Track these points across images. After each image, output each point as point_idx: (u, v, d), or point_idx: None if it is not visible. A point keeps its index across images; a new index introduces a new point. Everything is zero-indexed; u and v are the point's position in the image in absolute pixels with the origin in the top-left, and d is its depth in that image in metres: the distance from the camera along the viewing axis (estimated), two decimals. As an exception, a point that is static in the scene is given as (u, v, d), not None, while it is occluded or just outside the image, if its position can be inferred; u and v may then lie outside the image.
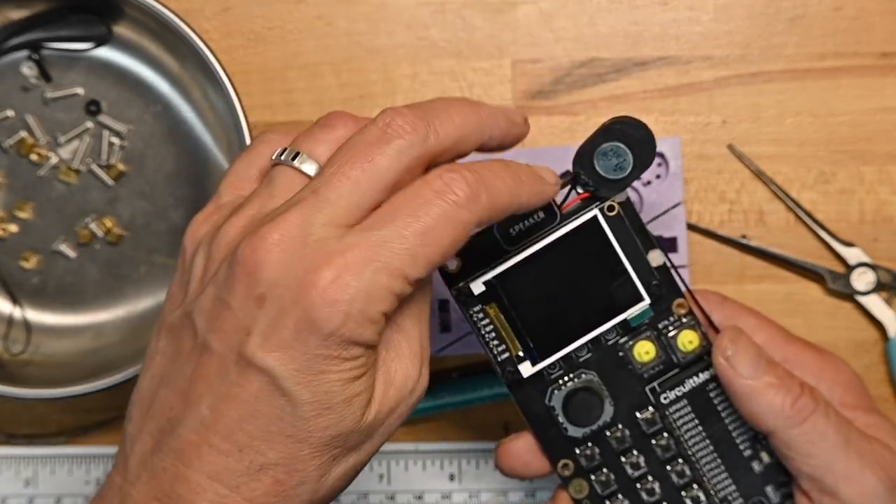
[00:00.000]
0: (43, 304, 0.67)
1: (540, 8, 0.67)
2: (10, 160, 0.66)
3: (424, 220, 0.42)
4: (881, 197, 0.67)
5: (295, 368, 0.42)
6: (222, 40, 0.67)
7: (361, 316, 0.42)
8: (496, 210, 0.44)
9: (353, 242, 0.42)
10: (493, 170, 0.44)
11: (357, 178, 0.43)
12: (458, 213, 0.43)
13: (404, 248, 0.42)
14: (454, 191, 0.43)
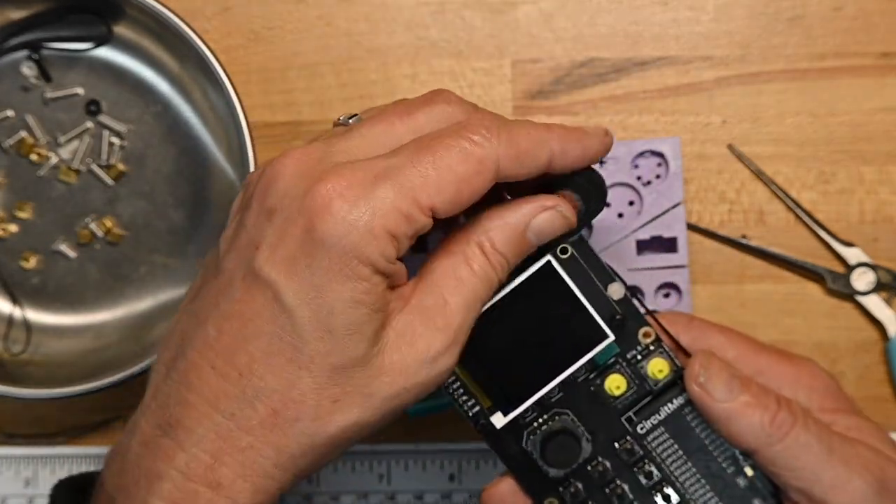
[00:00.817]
0: (43, 304, 0.67)
1: (540, 8, 0.67)
2: (10, 160, 0.66)
3: (439, 151, 0.43)
4: (881, 197, 0.67)
5: (297, 282, 0.42)
6: (222, 40, 0.67)
7: (366, 230, 0.41)
8: (521, 156, 0.44)
9: (367, 163, 0.42)
10: (525, 125, 0.45)
11: (392, 122, 0.44)
12: (474, 149, 0.43)
13: (416, 170, 0.42)
14: (473, 128, 0.43)
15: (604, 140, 0.47)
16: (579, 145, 0.46)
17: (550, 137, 0.45)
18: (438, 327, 0.44)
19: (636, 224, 0.64)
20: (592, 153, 0.47)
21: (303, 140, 0.67)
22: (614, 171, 0.64)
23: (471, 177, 0.43)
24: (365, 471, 0.66)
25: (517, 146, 0.44)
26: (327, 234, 0.41)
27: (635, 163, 0.64)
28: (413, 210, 0.42)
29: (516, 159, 0.44)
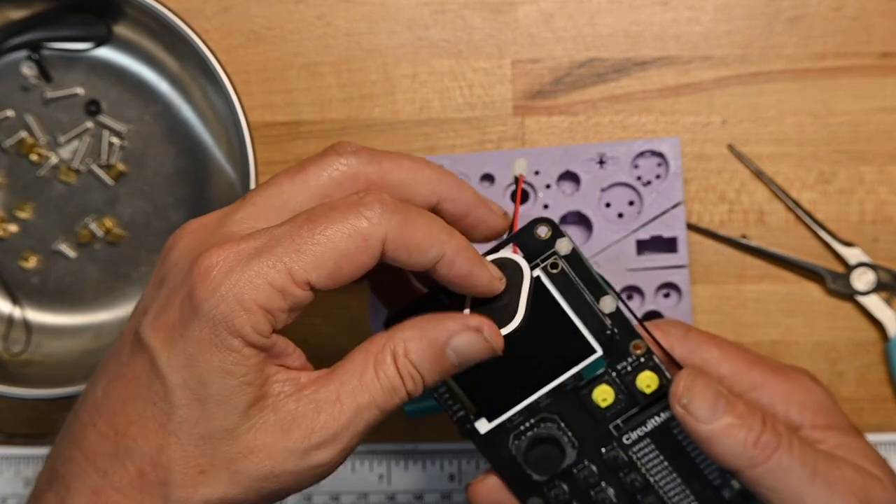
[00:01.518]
0: (43, 304, 0.67)
1: (540, 8, 0.67)
2: (10, 160, 0.66)
3: (323, 224, 0.42)
4: (881, 197, 0.67)
5: (172, 349, 0.42)
6: (222, 40, 0.67)
7: (236, 302, 0.41)
8: (411, 247, 0.43)
9: (254, 235, 0.43)
10: (427, 219, 0.44)
11: (281, 182, 0.44)
12: (361, 224, 0.42)
13: (295, 244, 0.42)
14: (364, 203, 0.43)
15: (493, 284, 0.46)
16: (467, 267, 0.44)
17: (448, 242, 0.44)
18: (321, 423, 0.43)
19: (636, 224, 0.64)
20: (478, 283, 0.45)
21: (303, 140, 0.67)
22: (614, 171, 0.64)
23: (352, 253, 0.42)
24: (365, 471, 0.66)
25: (410, 236, 0.43)
26: (201, 303, 0.42)
27: (635, 163, 0.64)
28: (287, 285, 0.42)
29: (405, 248, 0.43)
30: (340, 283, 0.43)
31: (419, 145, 0.67)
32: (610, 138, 0.67)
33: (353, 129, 0.67)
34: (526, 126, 0.67)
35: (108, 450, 0.43)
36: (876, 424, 0.67)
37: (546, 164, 0.64)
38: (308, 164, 0.45)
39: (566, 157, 0.64)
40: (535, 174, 0.64)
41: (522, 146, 0.67)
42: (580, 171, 0.64)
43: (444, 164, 0.64)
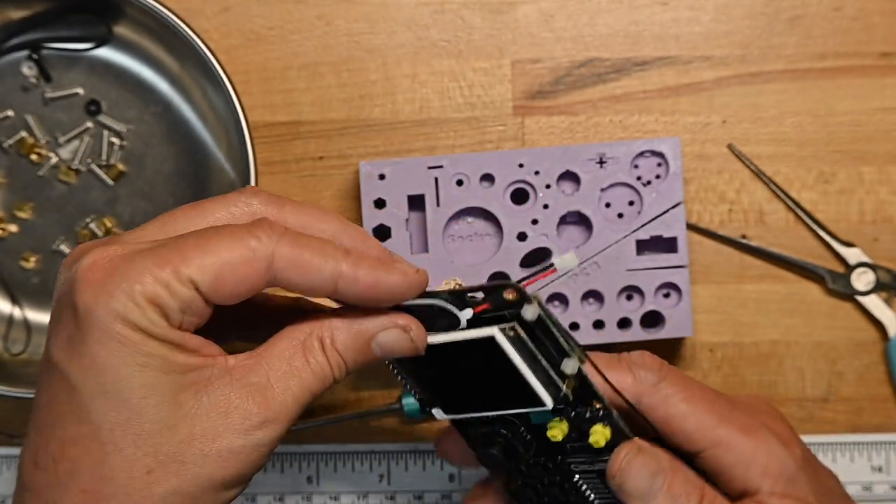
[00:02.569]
0: (43, 304, 0.67)
1: (540, 8, 0.67)
2: (10, 160, 0.66)
3: (208, 235, 0.42)
4: (881, 197, 0.67)
5: (77, 358, 0.42)
6: (222, 40, 0.67)
7: (124, 295, 0.41)
8: (302, 265, 0.43)
9: (133, 243, 0.43)
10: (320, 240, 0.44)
11: (177, 214, 0.45)
12: (248, 238, 0.42)
13: (179, 249, 0.42)
14: (253, 224, 0.43)
15: (409, 279, 0.44)
16: (373, 275, 0.43)
17: (343, 258, 0.43)
18: (257, 405, 0.43)
19: (636, 224, 0.64)
20: (390, 289, 0.44)
21: (303, 140, 0.67)
22: (614, 171, 0.64)
23: (237, 264, 0.42)
24: (365, 471, 0.66)
25: (299, 254, 0.43)
26: (88, 305, 0.41)
27: (635, 163, 0.64)
28: (172, 280, 0.41)
29: (296, 266, 0.43)
30: (225, 292, 0.42)
31: (419, 145, 0.67)
32: (610, 138, 0.67)
33: (353, 129, 0.67)
34: (526, 126, 0.67)
35: (51, 480, 0.42)
36: (876, 424, 0.67)
37: (546, 164, 0.64)
38: (208, 201, 0.45)
39: (566, 157, 0.64)
40: (535, 174, 0.64)
41: (522, 146, 0.67)
42: (580, 171, 0.64)
43: (444, 164, 0.64)
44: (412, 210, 0.65)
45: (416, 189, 0.64)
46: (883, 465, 0.66)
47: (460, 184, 0.64)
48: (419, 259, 0.64)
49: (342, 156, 0.67)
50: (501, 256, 0.64)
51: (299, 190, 0.67)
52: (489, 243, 0.65)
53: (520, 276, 0.64)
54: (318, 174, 0.67)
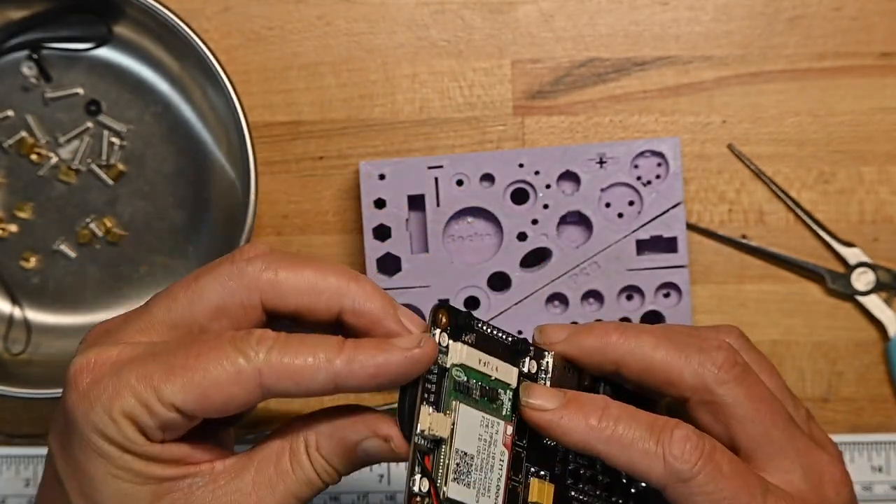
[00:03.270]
0: (43, 304, 0.67)
1: (540, 8, 0.67)
2: (10, 160, 0.66)
3: (198, 349, 0.41)
4: (881, 197, 0.67)
5: (64, 454, 0.42)
6: (222, 40, 0.67)
7: (104, 409, 0.41)
8: (295, 376, 0.41)
9: (132, 345, 0.42)
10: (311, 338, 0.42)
11: (177, 293, 0.43)
12: (233, 356, 0.41)
13: (167, 363, 0.41)
14: (245, 339, 0.42)
15: (412, 357, 0.42)
16: (372, 367, 0.42)
17: (336, 355, 0.42)
18: None
19: (636, 224, 0.64)
20: (392, 374, 0.42)
21: (303, 140, 0.67)
22: (614, 171, 0.64)
23: (223, 383, 0.41)
24: (365, 471, 0.66)
25: (290, 365, 0.41)
26: (74, 409, 0.42)
27: (635, 163, 0.64)
28: (152, 401, 0.41)
29: (288, 378, 0.41)
30: (213, 411, 0.42)
31: (419, 145, 0.67)
32: (610, 138, 0.67)
33: (353, 129, 0.67)
34: (526, 126, 0.67)
35: None
36: (876, 424, 0.67)
37: (546, 164, 0.64)
38: (203, 274, 0.44)
39: (566, 157, 0.64)
40: (535, 174, 0.64)
41: (522, 146, 0.67)
42: (580, 171, 0.64)
43: (444, 164, 0.64)
44: (412, 210, 0.65)
45: (416, 189, 0.64)
46: (883, 465, 0.66)
47: (460, 184, 0.64)
48: (419, 259, 0.64)
49: (342, 156, 0.67)
50: (501, 256, 0.64)
51: (299, 190, 0.67)
52: (489, 243, 0.65)
53: (519, 276, 0.64)
54: (318, 174, 0.67)
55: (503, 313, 0.64)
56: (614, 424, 0.44)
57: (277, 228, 0.67)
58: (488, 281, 0.64)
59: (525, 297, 0.64)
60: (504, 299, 0.64)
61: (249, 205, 0.61)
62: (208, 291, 0.43)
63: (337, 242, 0.67)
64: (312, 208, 0.67)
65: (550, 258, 0.64)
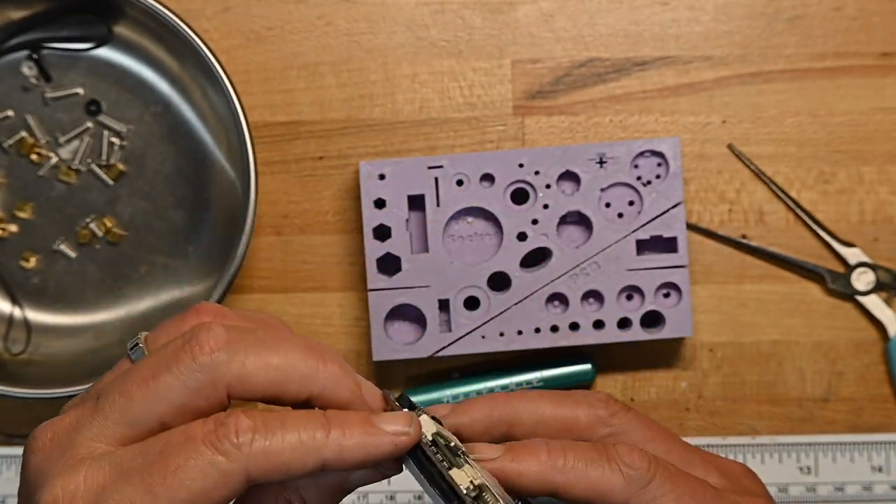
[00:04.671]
0: (43, 304, 0.67)
1: (540, 8, 0.67)
2: (10, 160, 0.66)
3: (175, 459, 0.39)
4: (881, 197, 0.67)
5: None
6: (222, 40, 0.67)
7: None
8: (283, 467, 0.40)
9: (100, 465, 0.40)
10: (293, 419, 0.40)
11: (133, 394, 0.41)
12: (216, 459, 0.39)
13: (145, 484, 0.39)
14: (222, 435, 0.40)
15: (399, 440, 0.41)
16: (361, 453, 0.41)
17: (325, 446, 0.40)
18: None
19: (636, 224, 0.64)
20: (379, 458, 0.41)
21: (303, 140, 0.67)
22: (614, 171, 0.64)
23: (210, 492, 0.39)
24: (365, 471, 0.66)
25: (278, 458, 0.40)
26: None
27: (635, 163, 0.64)
28: None
29: (276, 469, 0.40)
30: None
31: (419, 145, 0.67)
32: (610, 138, 0.67)
33: (353, 129, 0.67)
34: (526, 126, 0.67)
35: None
36: (876, 424, 0.67)
37: (546, 164, 0.64)
38: (162, 372, 0.41)
39: (566, 157, 0.64)
40: (535, 174, 0.64)
41: (522, 146, 0.67)
42: (580, 171, 0.64)
43: (444, 164, 0.64)
44: (412, 210, 0.65)
45: (416, 189, 0.64)
46: (883, 465, 0.66)
47: (460, 184, 0.64)
48: (419, 259, 0.64)
49: (342, 156, 0.67)
50: (501, 256, 0.64)
51: (299, 190, 0.67)
52: (489, 243, 0.65)
53: (519, 276, 0.64)
54: (318, 174, 0.67)
55: (503, 313, 0.64)
56: (564, 455, 0.44)
57: (277, 228, 0.67)
58: (488, 281, 0.64)
59: (525, 297, 0.64)
60: (504, 299, 0.64)
61: (249, 205, 0.61)
62: (171, 391, 0.41)
63: (337, 242, 0.67)
64: (312, 208, 0.67)
65: (550, 258, 0.64)
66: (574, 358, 0.67)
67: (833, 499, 0.66)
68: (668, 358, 0.67)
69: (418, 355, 0.65)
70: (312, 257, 0.67)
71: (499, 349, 0.65)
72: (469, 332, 0.64)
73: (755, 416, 0.67)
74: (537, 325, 0.64)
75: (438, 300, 0.64)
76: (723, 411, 0.67)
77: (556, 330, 0.64)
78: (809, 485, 0.66)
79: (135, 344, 0.44)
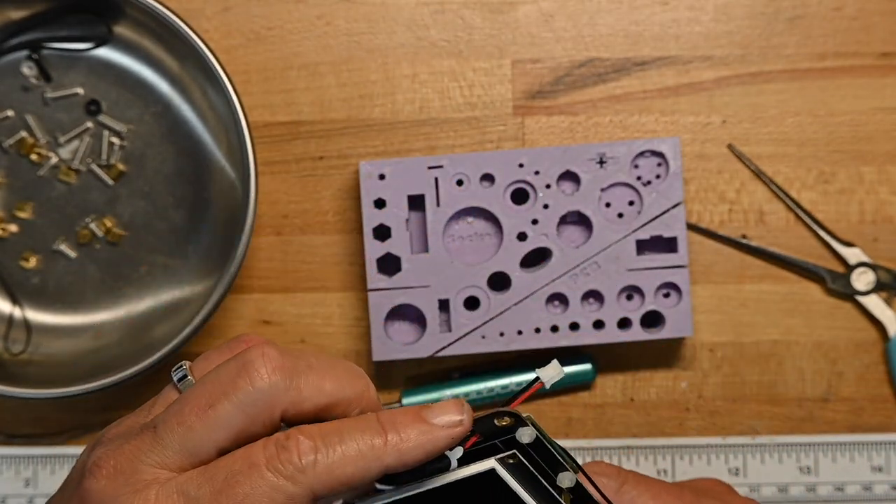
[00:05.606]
0: (43, 304, 0.67)
1: (540, 8, 0.67)
2: (10, 160, 0.66)
3: (241, 489, 0.40)
4: (881, 197, 0.67)
5: None
6: (222, 40, 0.67)
7: None
8: (348, 481, 0.40)
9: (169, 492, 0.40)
10: (349, 430, 0.41)
11: (192, 424, 0.41)
12: (284, 485, 0.39)
13: None
14: (284, 458, 0.40)
15: (454, 432, 0.41)
16: (421, 451, 0.41)
17: (384, 453, 0.40)
18: None
19: (636, 224, 0.64)
20: (440, 448, 0.41)
21: (303, 140, 0.67)
22: (614, 171, 0.64)
23: None
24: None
25: (342, 473, 0.40)
26: None
27: (635, 163, 0.64)
28: None
29: (341, 485, 0.40)
30: None
31: (419, 145, 0.67)
32: (610, 138, 0.67)
33: (353, 129, 0.67)
34: (526, 126, 0.67)
35: None
36: (876, 424, 0.67)
37: (546, 164, 0.64)
38: (221, 400, 0.41)
39: (566, 157, 0.64)
40: (535, 174, 0.64)
41: (522, 146, 0.67)
42: (580, 171, 0.64)
43: (444, 164, 0.64)
44: (412, 210, 0.65)
45: (416, 189, 0.64)
46: (883, 465, 0.66)
47: (460, 184, 0.64)
48: (419, 259, 0.64)
49: (342, 156, 0.67)
50: (501, 256, 0.64)
51: (299, 190, 0.67)
52: (489, 243, 0.65)
53: (519, 276, 0.64)
54: (318, 174, 0.67)
55: (503, 313, 0.64)
56: None
57: (277, 228, 0.67)
58: (488, 281, 0.64)
59: (525, 297, 0.64)
60: (504, 299, 0.64)
61: (249, 205, 0.61)
62: (231, 420, 0.41)
63: (337, 242, 0.67)
64: (312, 208, 0.67)
65: (550, 258, 0.64)
66: (574, 358, 0.67)
67: (833, 499, 0.66)
68: (668, 358, 0.67)
69: (418, 355, 0.65)
70: (312, 257, 0.68)
71: (499, 349, 0.65)
72: (469, 332, 0.64)
73: (755, 416, 0.67)
74: (537, 325, 0.65)
75: (438, 300, 0.64)
76: (723, 411, 0.67)
77: (556, 330, 0.64)
78: (809, 485, 0.66)
79: (182, 375, 0.44)
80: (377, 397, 0.44)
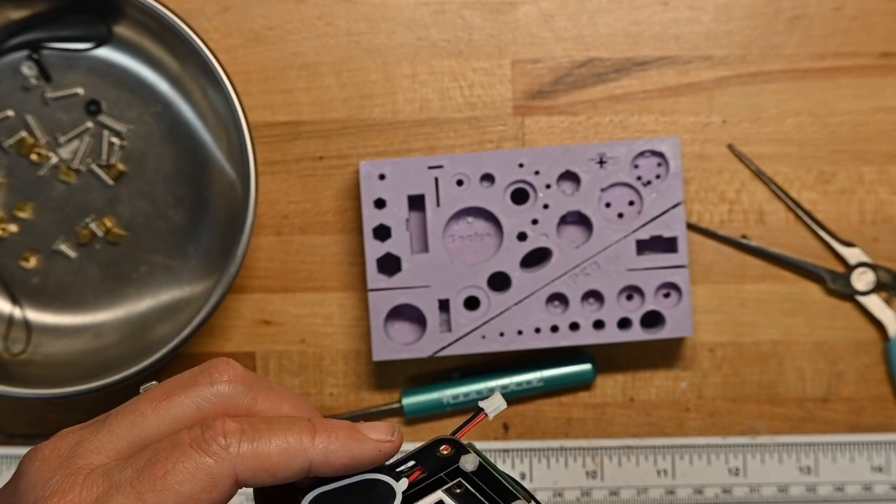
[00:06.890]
0: (43, 304, 0.67)
1: (540, 8, 0.67)
2: (10, 160, 0.66)
3: (163, 464, 0.40)
4: (881, 197, 0.67)
5: None
6: (222, 40, 0.67)
7: None
8: (271, 469, 0.40)
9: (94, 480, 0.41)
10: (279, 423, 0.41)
11: (144, 410, 0.42)
12: (203, 461, 0.40)
13: (135, 492, 0.40)
14: (206, 439, 0.40)
15: (382, 446, 0.42)
16: (346, 455, 0.42)
17: (311, 446, 0.41)
18: None
19: (636, 224, 0.64)
20: (363, 464, 0.42)
21: (303, 140, 0.67)
22: (614, 171, 0.64)
23: (198, 494, 0.40)
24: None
25: (266, 459, 0.40)
26: None
27: (635, 163, 0.64)
28: None
29: (264, 471, 0.40)
30: None
31: (419, 145, 0.67)
32: (610, 138, 0.67)
33: (353, 129, 0.67)
34: (526, 126, 0.67)
35: None
36: (876, 424, 0.67)
37: (546, 164, 0.64)
38: (175, 392, 0.42)
39: (566, 157, 0.64)
40: (535, 174, 0.64)
41: (522, 146, 0.67)
42: (580, 171, 0.64)
43: (444, 164, 0.64)
44: (412, 210, 0.65)
45: (416, 189, 0.64)
46: (883, 465, 0.66)
47: (460, 184, 0.64)
48: (419, 259, 0.64)
49: (342, 156, 0.67)
50: (501, 256, 0.64)
51: (299, 190, 0.67)
52: (489, 243, 0.65)
53: (519, 276, 0.64)
54: (318, 174, 0.67)
55: (503, 313, 0.64)
56: None
57: (277, 228, 0.67)
58: (488, 281, 0.64)
59: (525, 297, 0.64)
60: (504, 299, 0.64)
61: (249, 205, 0.61)
62: (183, 411, 0.41)
63: (337, 242, 0.67)
64: (312, 208, 0.67)
65: (550, 258, 0.64)
66: (574, 358, 0.67)
67: (833, 499, 0.66)
68: (668, 358, 0.67)
69: (418, 355, 0.65)
70: (312, 257, 0.68)
71: (499, 349, 0.65)
72: (469, 332, 0.64)
73: (755, 416, 0.67)
74: (537, 325, 0.65)
75: (438, 300, 0.64)
76: (723, 411, 0.67)
77: (556, 330, 0.65)
78: (809, 485, 0.66)
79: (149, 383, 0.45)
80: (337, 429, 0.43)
